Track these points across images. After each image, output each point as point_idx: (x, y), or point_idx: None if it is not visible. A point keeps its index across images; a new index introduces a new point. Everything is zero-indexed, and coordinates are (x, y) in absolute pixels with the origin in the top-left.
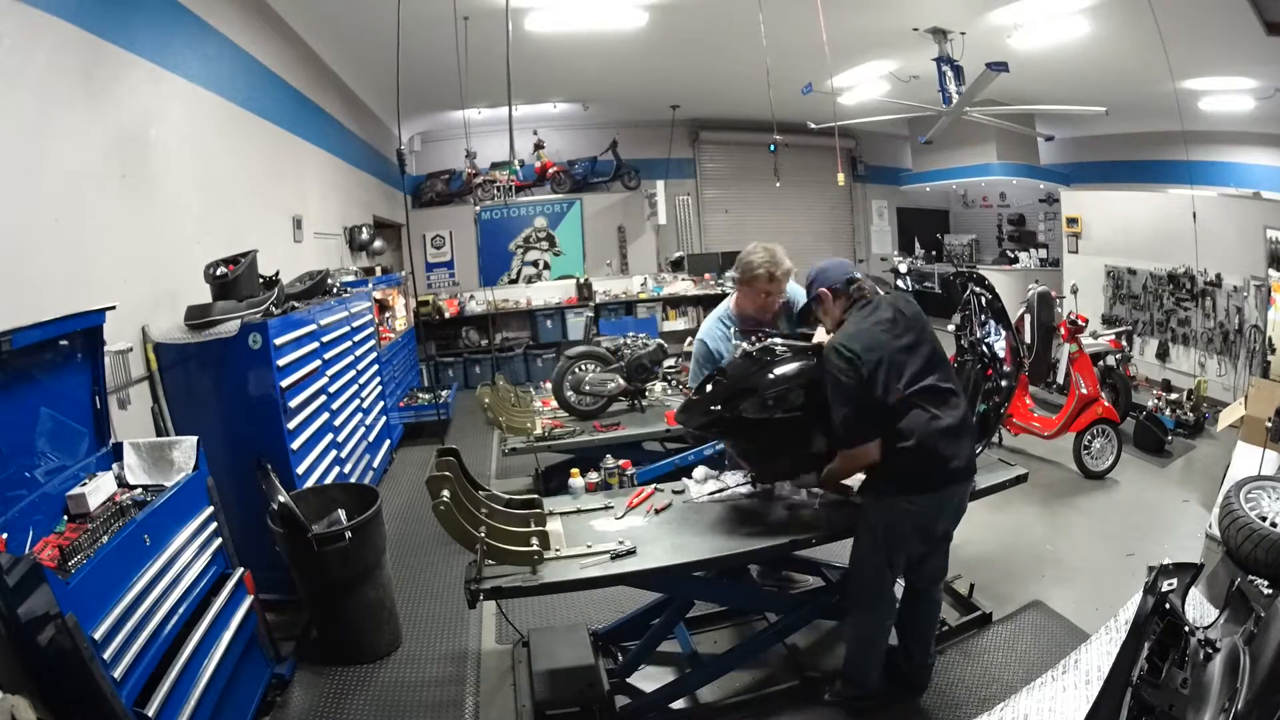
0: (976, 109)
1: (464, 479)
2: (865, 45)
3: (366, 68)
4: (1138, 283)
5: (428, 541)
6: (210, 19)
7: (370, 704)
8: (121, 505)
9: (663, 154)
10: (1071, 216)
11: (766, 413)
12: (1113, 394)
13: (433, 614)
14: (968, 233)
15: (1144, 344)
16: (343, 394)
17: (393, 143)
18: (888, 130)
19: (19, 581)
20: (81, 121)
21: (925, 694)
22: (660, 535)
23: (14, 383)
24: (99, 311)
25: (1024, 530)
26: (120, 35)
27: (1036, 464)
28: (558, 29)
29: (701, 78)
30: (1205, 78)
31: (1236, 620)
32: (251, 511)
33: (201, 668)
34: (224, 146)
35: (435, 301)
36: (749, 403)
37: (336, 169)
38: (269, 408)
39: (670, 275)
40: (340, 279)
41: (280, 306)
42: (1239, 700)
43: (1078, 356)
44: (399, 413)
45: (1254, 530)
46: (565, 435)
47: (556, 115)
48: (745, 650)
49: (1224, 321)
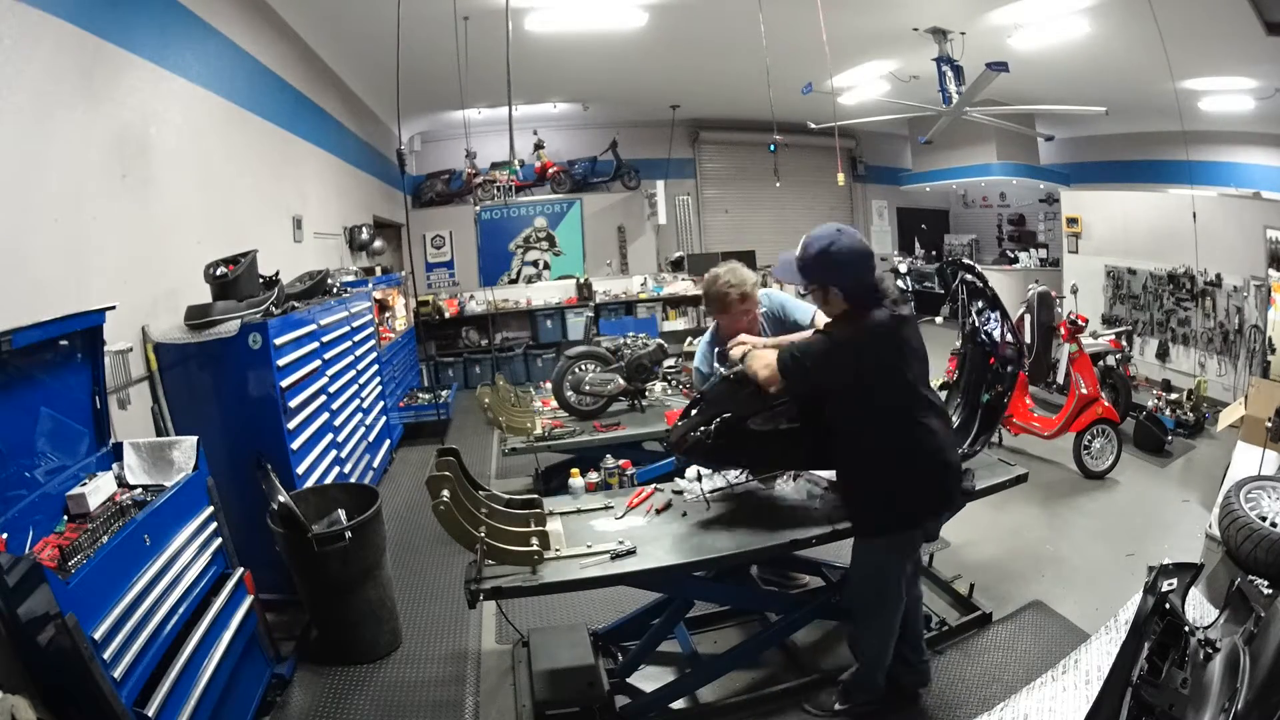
0: (976, 109)
1: (464, 479)
2: (865, 45)
3: (366, 68)
4: (1138, 283)
5: (428, 541)
6: (210, 19)
7: (370, 704)
8: (121, 505)
9: (663, 154)
10: (1071, 216)
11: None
12: (1113, 394)
13: (433, 614)
14: (968, 233)
15: (1144, 344)
16: (343, 394)
17: (393, 143)
18: (888, 130)
19: (19, 581)
20: (81, 121)
21: (926, 694)
22: (660, 535)
23: (14, 383)
24: (99, 311)
25: (1024, 530)
26: (120, 35)
27: (1036, 464)
28: (558, 29)
29: (701, 78)
30: (1205, 78)
31: (1236, 620)
32: (251, 511)
33: (201, 668)
34: (224, 146)
35: (435, 301)
36: (737, 424)
37: (336, 169)
38: (269, 408)
39: (670, 275)
40: (340, 279)
41: (280, 306)
42: (1239, 700)
43: (1078, 356)
44: (399, 413)
45: (1254, 530)
46: (565, 435)
47: (556, 115)
48: (745, 650)
49: (1224, 321)
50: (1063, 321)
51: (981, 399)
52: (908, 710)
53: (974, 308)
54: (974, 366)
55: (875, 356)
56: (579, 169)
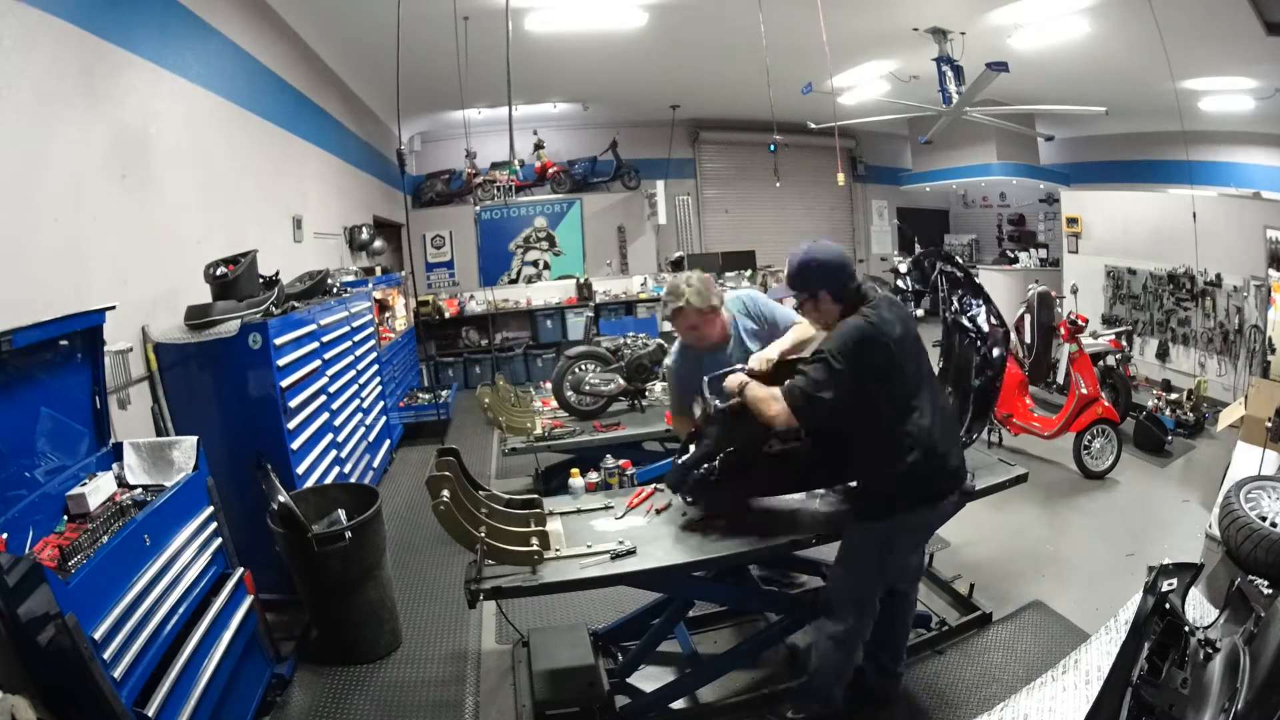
0: (976, 109)
1: (464, 479)
2: (865, 45)
3: (366, 68)
4: (1138, 283)
5: (428, 541)
6: (210, 19)
7: (370, 704)
8: (121, 505)
9: (663, 154)
10: (1071, 216)
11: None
12: (1113, 394)
13: (433, 614)
14: (968, 233)
15: (1144, 344)
16: (343, 394)
17: (393, 143)
18: (888, 130)
19: (19, 581)
20: (81, 121)
21: (893, 708)
22: (660, 535)
23: (14, 383)
24: (99, 311)
25: (1024, 530)
26: (120, 35)
27: (1036, 464)
28: (558, 29)
29: (701, 78)
30: (1205, 78)
31: (1236, 620)
32: (251, 511)
33: (201, 668)
34: (224, 146)
35: (435, 301)
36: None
37: (336, 169)
38: (269, 407)
39: (670, 275)
40: (340, 279)
41: (280, 306)
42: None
43: (1078, 356)
44: (399, 413)
45: (1254, 530)
46: (565, 435)
47: (556, 115)
48: (745, 650)
49: (1224, 321)
50: (1063, 321)
51: (973, 384)
52: (909, 710)
53: (955, 297)
54: (959, 355)
55: (872, 360)
56: (579, 169)
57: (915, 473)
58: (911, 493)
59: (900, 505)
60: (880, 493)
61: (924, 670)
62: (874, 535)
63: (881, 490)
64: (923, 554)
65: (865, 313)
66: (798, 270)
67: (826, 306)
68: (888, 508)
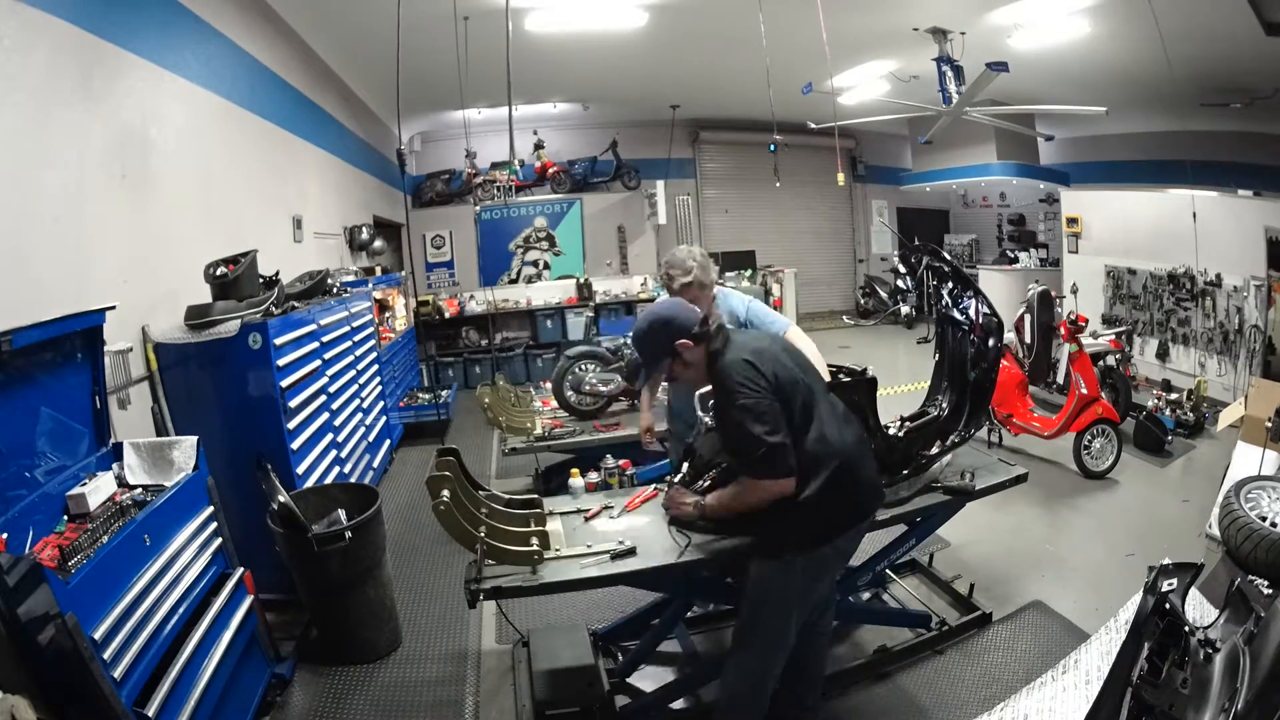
0: (976, 109)
1: (464, 479)
2: (865, 45)
3: (366, 68)
4: (1138, 283)
5: (428, 541)
6: (210, 19)
7: (370, 704)
8: (121, 505)
9: (663, 154)
10: (1071, 216)
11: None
12: (1113, 394)
13: (433, 614)
14: (968, 233)
15: (1144, 344)
16: (343, 394)
17: (393, 143)
18: (888, 130)
19: (19, 581)
20: (81, 121)
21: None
22: (660, 535)
23: (14, 383)
24: (99, 311)
25: (1024, 530)
26: (120, 35)
27: (1036, 464)
28: (558, 29)
29: (701, 78)
30: (1204, 78)
31: (1236, 620)
32: (251, 511)
33: (201, 668)
34: (224, 146)
35: (435, 301)
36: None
37: (336, 169)
38: (269, 408)
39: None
40: (340, 279)
41: (280, 306)
42: (1239, 700)
43: (1078, 356)
44: (399, 413)
45: (1254, 530)
46: (565, 435)
47: (556, 115)
48: None
49: (1224, 321)
50: (1063, 321)
51: (969, 377)
52: (909, 710)
53: (944, 290)
54: (953, 348)
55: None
56: (579, 169)
57: (824, 500)
58: (833, 518)
59: (805, 542)
60: (783, 526)
61: (924, 670)
62: (791, 574)
63: (793, 521)
64: (834, 582)
65: (730, 342)
66: (647, 333)
67: (690, 354)
68: (800, 540)
